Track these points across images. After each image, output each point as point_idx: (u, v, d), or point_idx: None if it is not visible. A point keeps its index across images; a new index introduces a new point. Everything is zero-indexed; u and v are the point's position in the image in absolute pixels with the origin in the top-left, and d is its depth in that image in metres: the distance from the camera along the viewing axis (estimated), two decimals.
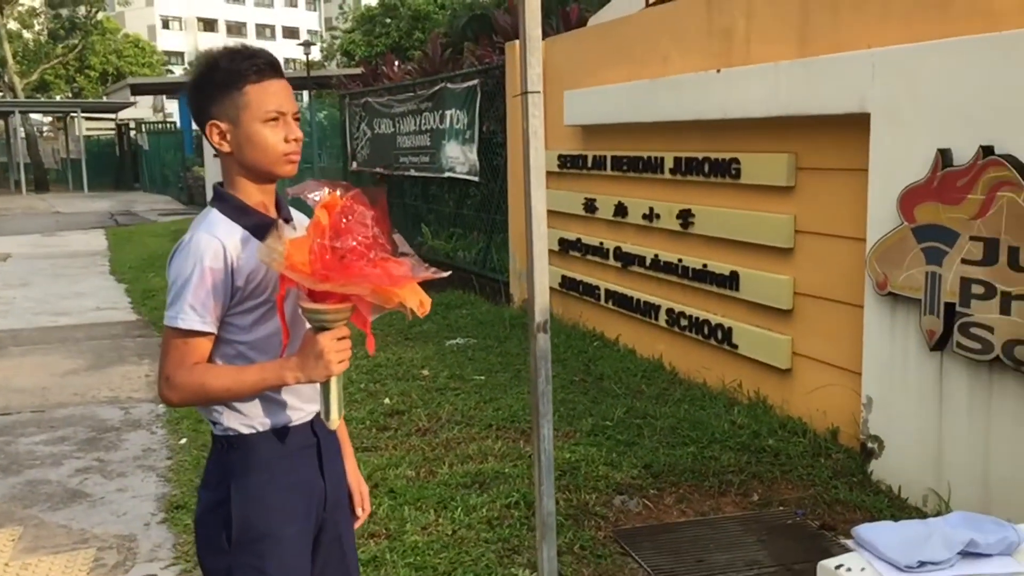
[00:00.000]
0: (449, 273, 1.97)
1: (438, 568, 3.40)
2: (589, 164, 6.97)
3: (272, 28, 79.95)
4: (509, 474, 4.20)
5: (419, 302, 1.83)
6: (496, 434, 4.81)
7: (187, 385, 1.85)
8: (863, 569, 2.14)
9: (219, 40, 69.71)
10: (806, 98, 4.55)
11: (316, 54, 42.71)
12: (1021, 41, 3.40)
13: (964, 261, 3.60)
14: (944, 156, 3.69)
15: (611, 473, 4.24)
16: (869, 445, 4.24)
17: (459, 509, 3.82)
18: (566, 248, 7.38)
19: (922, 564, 2.07)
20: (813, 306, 4.76)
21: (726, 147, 5.38)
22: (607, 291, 6.75)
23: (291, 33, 78.04)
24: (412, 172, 10.90)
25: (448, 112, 9.56)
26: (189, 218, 19.45)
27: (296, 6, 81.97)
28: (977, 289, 3.55)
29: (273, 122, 1.91)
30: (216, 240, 1.86)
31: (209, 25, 75.20)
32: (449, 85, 9.57)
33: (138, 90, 33.50)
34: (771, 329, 5.05)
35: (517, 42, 3.51)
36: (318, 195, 1.83)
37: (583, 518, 3.83)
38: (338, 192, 1.83)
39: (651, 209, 6.13)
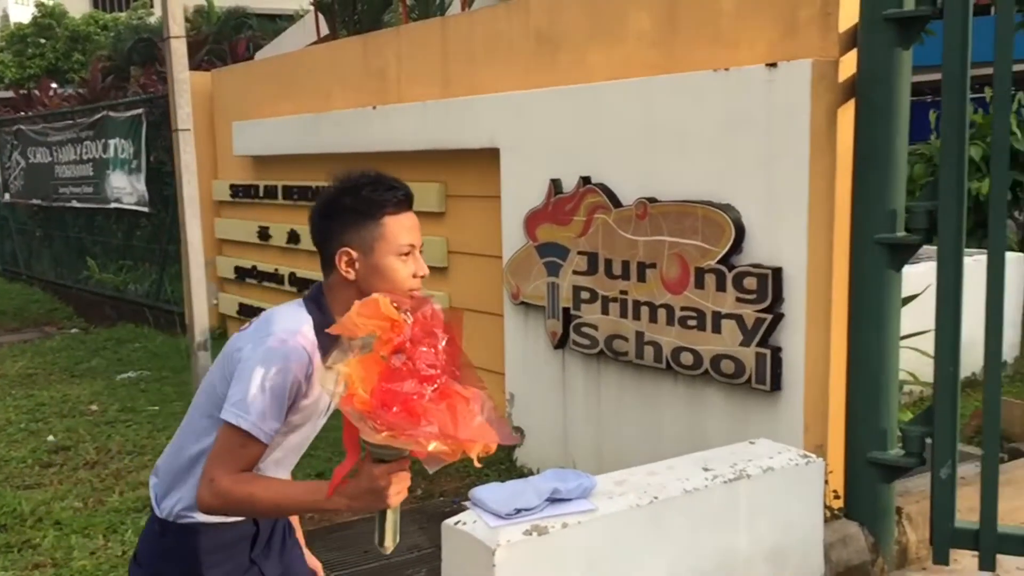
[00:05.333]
0: (520, 439, 1.79)
1: None
2: (261, 193, 7.17)
3: None
4: None
5: (484, 447, 1.68)
6: None
7: (234, 493, 1.75)
8: (475, 521, 2.63)
9: None
10: (450, 134, 5.14)
11: None
12: (605, 91, 4.18)
13: (574, 272, 4.32)
14: (555, 185, 4.41)
15: None
16: (514, 435, 4.87)
17: (129, 531, 3.90)
18: (242, 276, 7.50)
19: (518, 511, 2.60)
20: (467, 317, 5.32)
21: None
22: None
23: None
24: (74, 203, 10.37)
25: (112, 141, 9.27)
26: None
27: None
28: (584, 295, 4.27)
29: (405, 256, 1.88)
30: (307, 355, 1.81)
31: None
32: (112, 113, 9.28)
33: None
34: None
35: None
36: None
37: None
38: (407, 315, 1.70)
39: None
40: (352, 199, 1.87)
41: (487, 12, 5.14)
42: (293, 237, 6.79)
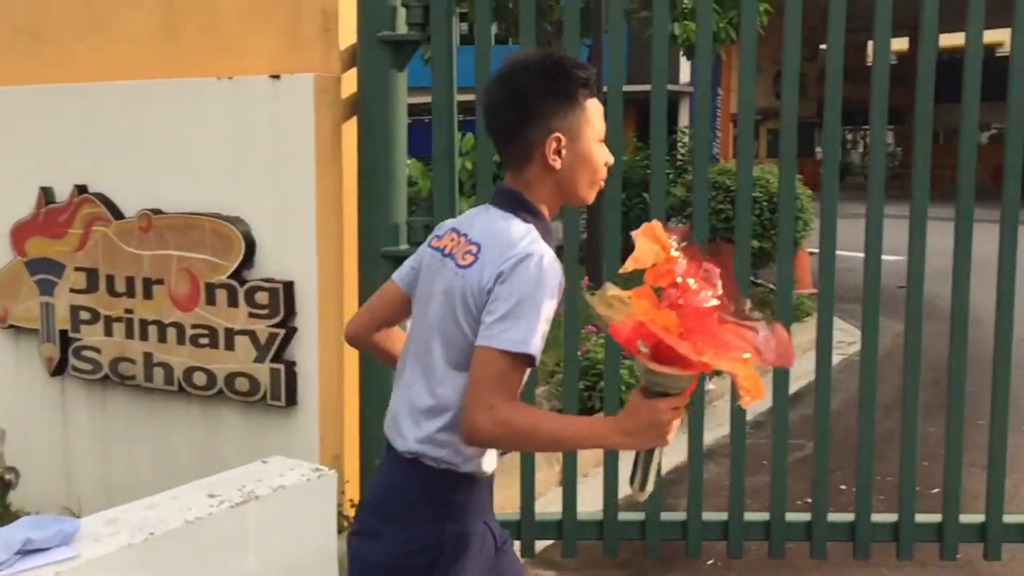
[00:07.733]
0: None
1: None
2: None
3: None
4: None
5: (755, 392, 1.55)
6: None
7: (517, 422, 1.62)
8: None
9: None
10: None
11: None
12: (100, 92, 3.83)
13: (72, 290, 3.90)
14: (47, 193, 3.94)
15: None
16: (7, 477, 4.27)
17: None
18: None
19: None
20: None
21: None
22: None
23: None
24: None
25: None
26: None
27: None
28: (84, 315, 3.88)
29: (601, 142, 1.79)
30: (560, 267, 1.70)
31: None
32: None
33: None
34: None
35: None
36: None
37: None
38: (675, 242, 1.62)
39: None
40: (557, 80, 1.73)
41: None
42: None
